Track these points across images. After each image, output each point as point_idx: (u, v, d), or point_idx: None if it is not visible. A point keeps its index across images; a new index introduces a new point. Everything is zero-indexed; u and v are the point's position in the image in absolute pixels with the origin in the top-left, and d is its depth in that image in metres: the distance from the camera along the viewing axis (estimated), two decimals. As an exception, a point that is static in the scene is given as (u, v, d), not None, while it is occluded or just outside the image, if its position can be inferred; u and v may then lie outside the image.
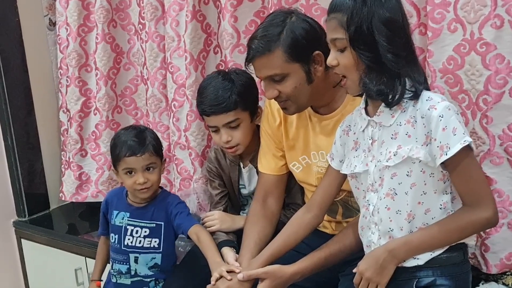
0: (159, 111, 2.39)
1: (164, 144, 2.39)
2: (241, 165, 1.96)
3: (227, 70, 1.91)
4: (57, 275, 2.61)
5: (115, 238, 1.90)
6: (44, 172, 2.81)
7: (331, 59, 1.33)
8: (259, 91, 1.89)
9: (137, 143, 1.79)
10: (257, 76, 1.62)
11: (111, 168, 1.97)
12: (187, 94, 2.18)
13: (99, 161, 2.64)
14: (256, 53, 1.53)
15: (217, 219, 1.86)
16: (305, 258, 1.53)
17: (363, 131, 1.38)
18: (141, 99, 2.57)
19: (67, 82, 2.61)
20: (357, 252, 1.50)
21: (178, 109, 2.24)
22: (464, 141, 1.22)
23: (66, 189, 2.72)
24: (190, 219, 1.84)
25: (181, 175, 2.32)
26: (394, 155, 1.29)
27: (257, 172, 1.87)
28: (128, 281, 1.89)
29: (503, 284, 1.67)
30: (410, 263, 1.30)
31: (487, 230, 1.62)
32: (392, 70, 1.26)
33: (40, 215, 2.80)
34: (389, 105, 1.30)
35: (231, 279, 1.54)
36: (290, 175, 1.84)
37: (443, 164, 1.25)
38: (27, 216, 2.76)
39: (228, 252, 1.74)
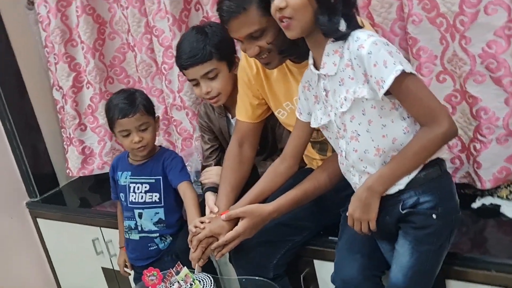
0: (150, 76, 2.42)
1: (161, 108, 2.44)
2: (229, 116, 2.02)
3: (201, 25, 1.95)
4: (76, 248, 2.68)
5: (122, 196, 2.01)
6: (48, 151, 2.86)
7: (279, 1, 1.31)
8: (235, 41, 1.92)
9: (127, 104, 1.87)
10: (235, 38, 1.62)
11: (113, 136, 2.03)
12: (175, 55, 2.19)
13: (100, 133, 2.69)
14: (232, 14, 1.53)
15: (214, 174, 1.95)
16: (282, 196, 1.61)
17: (317, 85, 1.42)
18: (130, 66, 2.58)
19: (55, 60, 2.63)
20: (333, 187, 1.59)
21: (169, 71, 2.27)
22: (396, 70, 1.23)
23: (71, 165, 2.77)
24: (181, 175, 1.93)
25: (181, 135, 2.36)
26: (345, 100, 1.33)
27: None
28: (136, 236, 2.00)
29: (498, 197, 1.72)
30: (393, 190, 1.34)
31: (477, 147, 1.66)
32: (336, 7, 1.28)
33: (51, 193, 2.87)
34: (342, 37, 1.31)
35: (203, 228, 1.63)
36: (277, 123, 1.90)
37: (387, 95, 1.28)
38: (38, 196, 2.82)
39: (210, 196, 1.86)
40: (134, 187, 1.97)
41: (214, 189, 1.90)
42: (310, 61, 1.42)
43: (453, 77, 1.67)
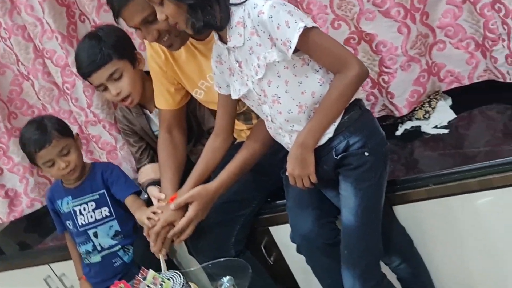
0: (54, 99, 2.36)
1: (75, 128, 2.37)
2: (148, 112, 2.02)
3: (93, 31, 1.93)
4: (30, 293, 2.59)
5: (70, 224, 1.97)
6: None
7: (159, 15, 1.37)
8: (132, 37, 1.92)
9: (40, 135, 1.82)
10: (131, 26, 1.63)
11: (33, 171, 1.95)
12: (74, 72, 2.15)
13: (18, 172, 2.57)
14: (122, 3, 1.54)
15: (150, 171, 1.96)
16: (223, 171, 1.65)
17: (229, 58, 1.44)
18: (30, 96, 2.49)
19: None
20: (268, 150, 1.65)
21: (72, 90, 2.22)
22: (299, 28, 1.27)
23: (-1, 212, 2.65)
24: (126, 187, 1.92)
25: (104, 149, 2.33)
26: (258, 67, 1.36)
27: None
28: (98, 258, 1.97)
29: (416, 119, 1.83)
30: (323, 140, 1.40)
31: (386, 79, 1.76)
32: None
33: (-14, 247, 2.74)
34: (220, 29, 1.36)
35: (158, 219, 1.66)
36: (197, 105, 1.92)
37: (296, 53, 1.31)
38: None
39: (152, 189, 1.86)
40: (80, 209, 1.93)
41: (154, 183, 1.90)
42: (216, 36, 1.43)
43: (346, 20, 1.74)
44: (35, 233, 2.72)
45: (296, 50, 1.31)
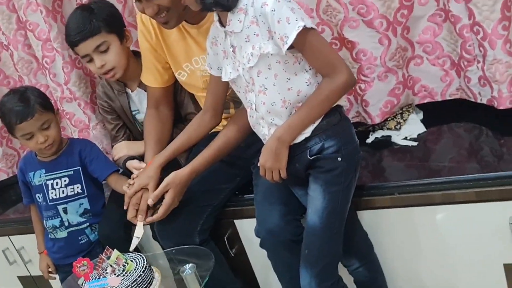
0: (32, 72, 2.35)
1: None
2: (129, 91, 2.03)
3: (86, 3, 1.96)
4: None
5: (40, 197, 1.95)
6: None
7: None
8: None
9: (23, 107, 1.79)
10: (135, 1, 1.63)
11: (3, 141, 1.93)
12: (55, 47, 2.14)
13: (-13, 141, 2.56)
14: None
15: (124, 147, 1.98)
16: (198, 157, 1.68)
17: (225, 41, 1.47)
18: (8, 66, 2.48)
19: None
20: (243, 141, 1.67)
21: (52, 65, 2.21)
22: (298, 26, 1.30)
23: (-38, 178, 2.62)
24: (106, 166, 1.92)
25: (77, 127, 2.32)
26: (252, 55, 1.39)
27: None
28: (64, 233, 1.96)
29: (387, 129, 1.88)
30: (300, 138, 1.44)
31: (362, 87, 1.80)
32: None
33: None
34: (228, 8, 1.38)
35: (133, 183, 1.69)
36: (179, 90, 1.93)
37: (290, 50, 1.34)
38: None
39: (131, 162, 1.89)
40: (53, 183, 1.92)
41: (131, 158, 1.91)
42: (216, 18, 1.45)
43: (330, 26, 1.78)
44: (-4, 203, 2.72)
45: (291, 47, 1.33)
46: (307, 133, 1.43)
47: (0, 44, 2.40)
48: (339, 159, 1.44)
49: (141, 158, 1.90)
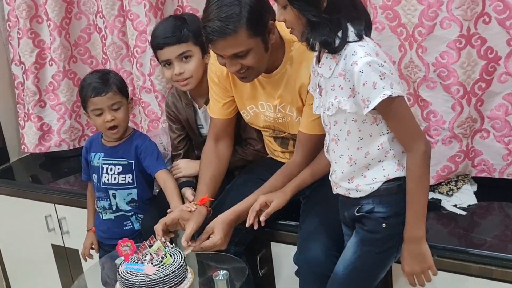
0: (120, 57, 2.45)
1: (128, 89, 2.47)
2: (197, 107, 2.10)
3: (179, 14, 2.06)
4: (27, 224, 2.66)
5: (95, 177, 2.04)
6: (1, 126, 2.83)
7: (278, 16, 1.43)
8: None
9: (100, 83, 1.91)
10: (219, 55, 1.64)
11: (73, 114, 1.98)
12: (148, 40, 2.23)
13: (59, 111, 2.69)
14: (220, 35, 1.53)
15: (181, 167, 2.05)
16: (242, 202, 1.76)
17: (315, 76, 1.51)
18: (95, 47, 2.62)
19: (19, 35, 2.60)
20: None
21: (141, 55, 2.31)
22: (383, 94, 1.30)
23: (28, 141, 2.75)
24: (158, 163, 1.99)
25: (149, 117, 2.41)
26: (332, 105, 1.42)
27: None
28: (112, 216, 2.04)
29: (439, 193, 1.90)
30: (355, 195, 1.46)
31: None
32: (332, 19, 1.34)
33: (1, 168, 2.84)
34: (334, 52, 1.38)
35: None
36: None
37: (372, 111, 1.35)
38: (-14, 170, 2.76)
39: (186, 190, 1.98)
40: (107, 168, 2.00)
41: (189, 183, 2.01)
42: (315, 53, 1.48)
43: (408, 81, 1.83)
44: (49, 171, 2.83)
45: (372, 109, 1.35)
46: (363, 192, 1.45)
47: (94, 26, 2.55)
48: (384, 225, 1.45)
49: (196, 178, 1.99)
